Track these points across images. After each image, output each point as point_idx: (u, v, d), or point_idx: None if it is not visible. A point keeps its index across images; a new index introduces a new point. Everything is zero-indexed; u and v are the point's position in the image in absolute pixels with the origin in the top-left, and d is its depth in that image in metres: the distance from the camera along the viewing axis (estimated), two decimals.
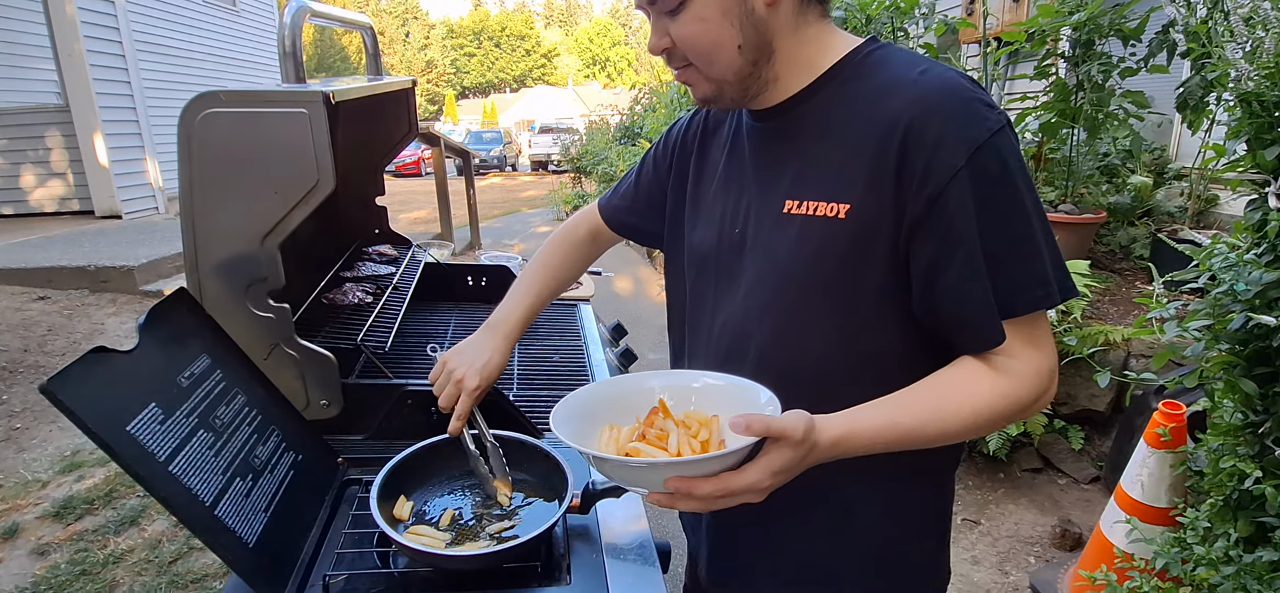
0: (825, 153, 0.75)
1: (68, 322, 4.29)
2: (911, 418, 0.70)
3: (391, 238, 1.89)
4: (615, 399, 0.81)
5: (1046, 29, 3.17)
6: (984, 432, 0.72)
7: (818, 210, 0.74)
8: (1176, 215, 3.68)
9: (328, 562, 0.89)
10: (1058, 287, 0.70)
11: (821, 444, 0.67)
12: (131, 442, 0.74)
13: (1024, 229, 0.69)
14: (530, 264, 1.14)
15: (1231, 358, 1.40)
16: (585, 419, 0.78)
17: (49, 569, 2.26)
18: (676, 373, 0.85)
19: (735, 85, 0.77)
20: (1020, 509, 2.62)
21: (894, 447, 0.70)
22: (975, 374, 0.71)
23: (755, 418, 0.64)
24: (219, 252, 1.03)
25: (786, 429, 0.64)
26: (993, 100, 0.71)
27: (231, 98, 0.98)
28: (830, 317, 0.75)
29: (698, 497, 0.65)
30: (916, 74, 0.71)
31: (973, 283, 0.69)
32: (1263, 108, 1.32)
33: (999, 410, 0.70)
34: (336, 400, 1.13)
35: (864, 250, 0.72)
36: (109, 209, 6.57)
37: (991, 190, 0.68)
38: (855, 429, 0.69)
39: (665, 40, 0.76)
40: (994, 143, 0.68)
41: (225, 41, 8.67)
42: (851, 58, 0.77)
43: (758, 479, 0.65)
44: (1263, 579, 1.33)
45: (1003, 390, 0.70)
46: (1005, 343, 0.70)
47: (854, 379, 0.75)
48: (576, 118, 21.45)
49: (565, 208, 10.68)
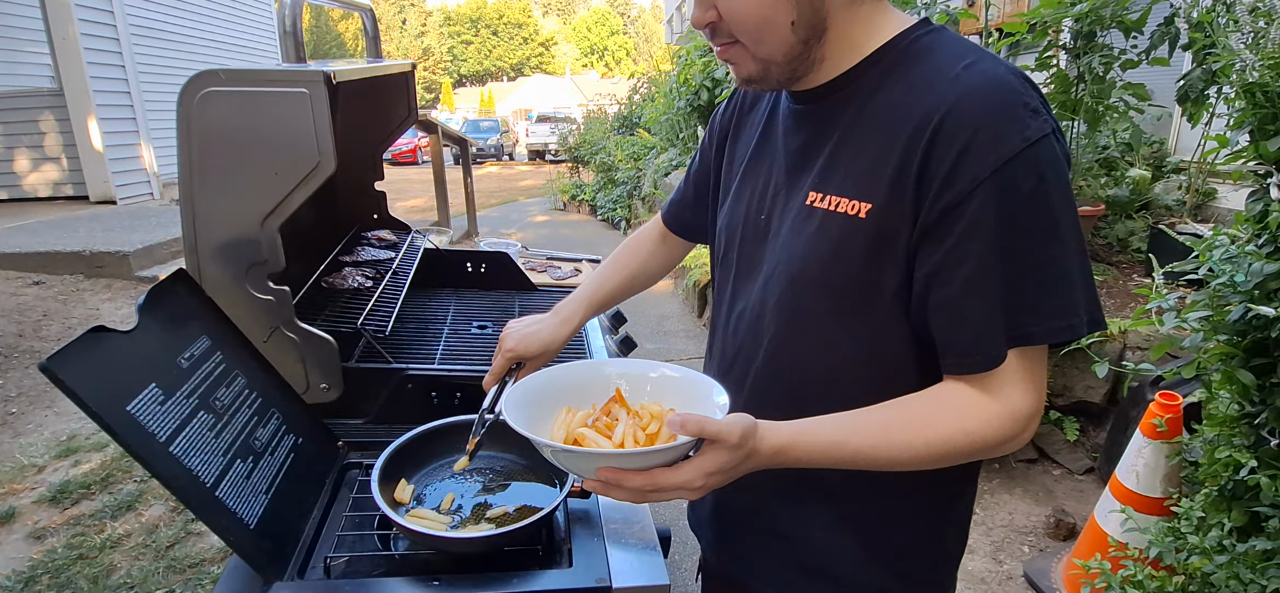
0: (854, 146, 0.71)
1: (63, 307, 4.27)
2: (860, 440, 0.67)
3: (391, 223, 1.89)
4: (574, 385, 0.81)
5: (1048, 20, 3.16)
6: (944, 464, 0.68)
7: (840, 207, 0.70)
8: (1174, 209, 3.69)
9: (329, 544, 0.89)
10: (1088, 319, 0.64)
11: (762, 451, 0.65)
12: (132, 422, 0.74)
13: (1054, 252, 0.63)
14: (603, 262, 1.11)
15: (1229, 349, 1.40)
16: (542, 403, 0.78)
17: (46, 553, 2.25)
18: (635, 362, 0.85)
19: (783, 66, 0.72)
20: (1015, 500, 2.64)
21: (842, 465, 0.68)
22: (942, 405, 0.68)
23: (691, 419, 0.62)
24: (219, 233, 1.03)
25: (721, 433, 0.62)
26: (1041, 104, 0.65)
27: (231, 77, 0.97)
28: (844, 318, 0.72)
29: (627, 489, 0.65)
30: (960, 68, 0.66)
31: (974, 303, 0.64)
32: (1266, 99, 1.32)
33: (958, 447, 0.66)
34: (337, 384, 1.12)
35: (883, 253, 0.68)
36: (103, 194, 6.52)
37: (1020, 207, 0.62)
38: (798, 442, 0.67)
39: (711, 13, 0.70)
40: (1031, 154, 0.62)
41: (221, 25, 8.59)
42: (897, 42, 0.71)
43: (689, 479, 0.64)
44: (1255, 569, 1.34)
45: (966, 427, 0.66)
46: (995, 372, 0.66)
47: (866, 382, 0.73)
48: (574, 107, 21.33)
49: (563, 198, 10.65)
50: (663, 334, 4.67)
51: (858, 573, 0.81)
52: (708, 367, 0.94)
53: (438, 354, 1.38)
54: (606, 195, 9.28)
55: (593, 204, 9.66)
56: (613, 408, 0.77)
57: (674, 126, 7.84)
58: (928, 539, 0.82)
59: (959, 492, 0.82)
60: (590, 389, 0.80)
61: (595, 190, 9.84)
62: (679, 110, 7.44)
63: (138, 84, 6.80)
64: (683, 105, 7.26)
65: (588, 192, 10.08)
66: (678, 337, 4.60)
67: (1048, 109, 0.66)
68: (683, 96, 7.22)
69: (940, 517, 0.82)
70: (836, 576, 0.82)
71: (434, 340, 1.45)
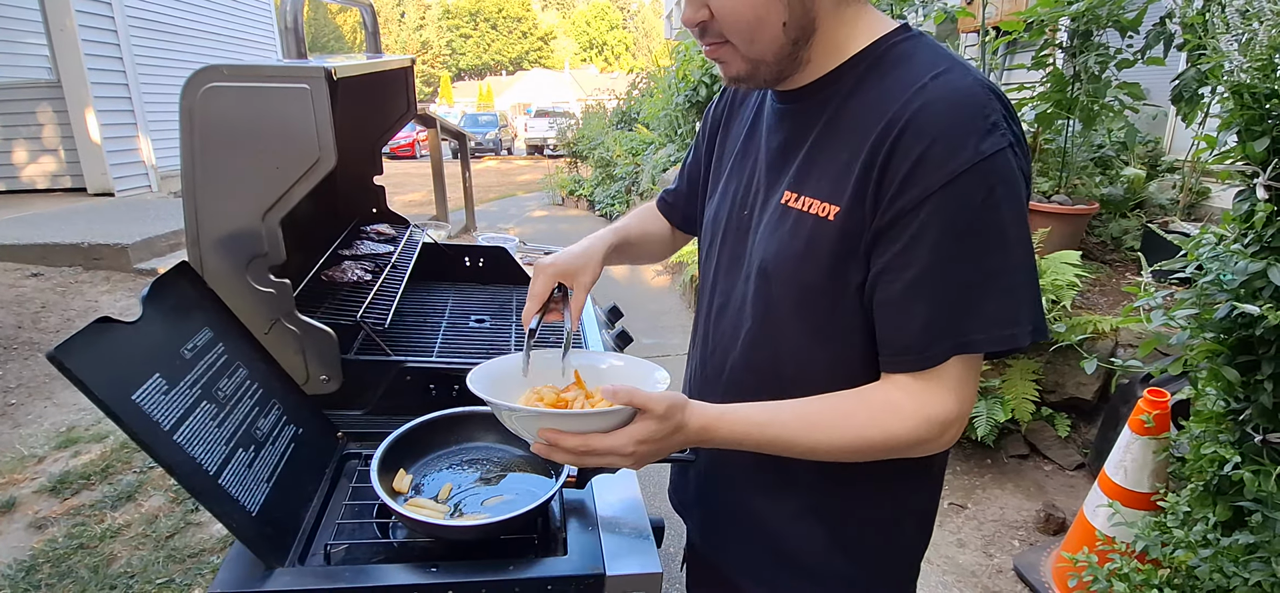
0: (830, 148, 0.73)
1: (62, 299, 4.28)
2: (780, 427, 0.71)
3: (389, 217, 1.90)
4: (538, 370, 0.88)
5: (1045, 19, 3.18)
6: (861, 459, 0.72)
7: (811, 208, 0.73)
8: (1168, 208, 3.71)
9: (329, 532, 0.91)
10: (1031, 327, 0.67)
11: (690, 426, 0.70)
12: (137, 411, 0.76)
13: (1000, 262, 0.66)
14: (627, 214, 1.11)
15: (1215, 346, 1.43)
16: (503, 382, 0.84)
17: (47, 543, 2.27)
18: (590, 353, 0.93)
19: (773, 65, 0.73)
20: (1006, 494, 2.66)
21: (764, 449, 0.72)
22: (863, 402, 0.71)
23: (623, 389, 0.68)
24: (220, 226, 1.04)
25: (649, 403, 0.68)
26: (1005, 118, 0.66)
27: (233, 73, 0.98)
28: (813, 316, 0.75)
29: (564, 449, 0.70)
30: (929, 77, 0.67)
31: (915, 306, 0.67)
32: (1254, 99, 1.34)
33: (871, 444, 0.70)
34: (336, 376, 1.14)
35: (848, 255, 0.71)
36: (102, 187, 6.52)
37: (970, 218, 0.65)
38: (722, 422, 0.71)
39: (702, 13, 0.71)
40: (984, 167, 0.64)
41: (220, 18, 8.56)
42: (876, 47, 0.73)
43: (621, 444, 0.69)
44: (1238, 562, 1.37)
45: (883, 425, 0.70)
46: (922, 375, 0.69)
47: (834, 378, 0.75)
48: (573, 102, 21.30)
49: (561, 193, 10.65)
50: (660, 329, 4.69)
51: (823, 561, 0.84)
52: (692, 355, 0.97)
53: (436, 347, 1.39)
54: (604, 191, 9.28)
55: (591, 199, 9.66)
56: (572, 390, 0.85)
57: (672, 122, 7.84)
58: (889, 529, 0.85)
59: (919, 486, 0.85)
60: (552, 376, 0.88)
61: (593, 185, 9.84)
62: (677, 106, 7.44)
63: (136, 77, 6.79)
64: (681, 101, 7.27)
65: (586, 187, 10.08)
66: (675, 332, 4.62)
67: (1013, 122, 0.67)
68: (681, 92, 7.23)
69: (899, 507, 0.85)
70: (805, 564, 0.85)
71: (432, 333, 1.47)
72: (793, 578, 0.86)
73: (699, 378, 0.93)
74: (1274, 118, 1.33)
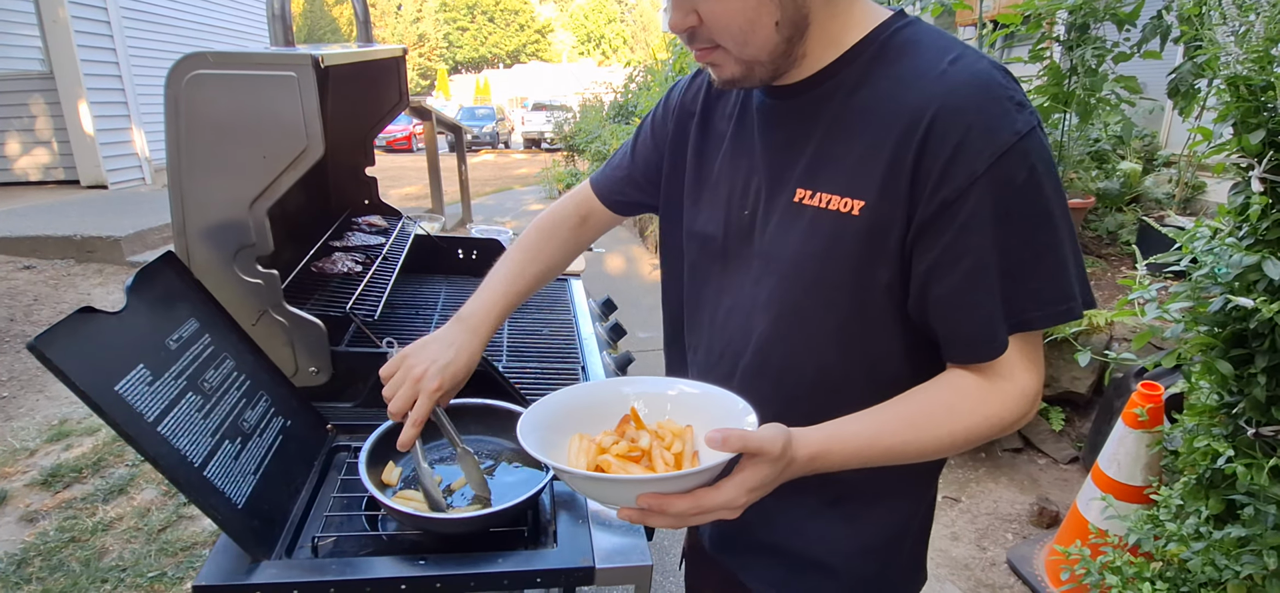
0: (843, 142, 0.70)
1: (54, 291, 4.26)
2: (891, 436, 0.68)
3: (381, 209, 1.89)
4: (587, 406, 0.79)
5: (1043, 12, 3.17)
6: (963, 450, 0.71)
7: (831, 204, 0.70)
8: (1164, 202, 3.72)
9: (317, 524, 0.90)
10: (1082, 300, 0.67)
11: (799, 459, 0.65)
12: (120, 402, 0.75)
13: (1049, 239, 0.65)
14: (511, 250, 1.02)
15: (1209, 340, 1.42)
16: (554, 427, 0.75)
17: (38, 536, 2.26)
18: (652, 380, 0.82)
19: (768, 65, 0.71)
20: (1000, 488, 2.67)
21: (872, 463, 0.68)
22: (960, 392, 0.69)
23: (732, 433, 0.61)
24: (207, 216, 1.03)
25: (764, 445, 0.61)
26: (1025, 97, 0.66)
27: (219, 60, 0.97)
28: (835, 315, 0.72)
29: (671, 514, 0.63)
30: (946, 63, 0.66)
31: (977, 295, 0.66)
32: (1250, 91, 1.34)
33: (979, 431, 0.69)
34: (325, 368, 1.13)
35: (875, 250, 0.68)
36: (94, 179, 6.48)
37: (1015, 199, 0.64)
38: (833, 446, 0.67)
39: (691, 18, 0.69)
40: (1022, 147, 0.63)
41: (213, 9, 8.51)
42: (876, 35, 0.71)
43: (733, 497, 0.63)
44: (1230, 555, 1.37)
45: (986, 411, 0.68)
46: (1001, 358, 0.67)
47: (855, 380, 0.73)
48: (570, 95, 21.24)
49: (558, 186, 10.61)
50: (655, 324, 4.67)
51: (841, 558, 0.83)
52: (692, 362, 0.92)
53: None
54: None
55: None
56: (628, 428, 0.75)
57: None
58: (905, 522, 0.84)
59: (932, 478, 0.85)
60: (604, 411, 0.78)
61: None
62: None
63: (129, 68, 6.74)
64: None
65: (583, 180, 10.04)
66: None
67: (1028, 102, 0.67)
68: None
69: (918, 499, 0.84)
70: (823, 562, 0.84)
71: (424, 326, 1.46)
72: (808, 576, 0.85)
73: None
74: (1270, 110, 1.33)
